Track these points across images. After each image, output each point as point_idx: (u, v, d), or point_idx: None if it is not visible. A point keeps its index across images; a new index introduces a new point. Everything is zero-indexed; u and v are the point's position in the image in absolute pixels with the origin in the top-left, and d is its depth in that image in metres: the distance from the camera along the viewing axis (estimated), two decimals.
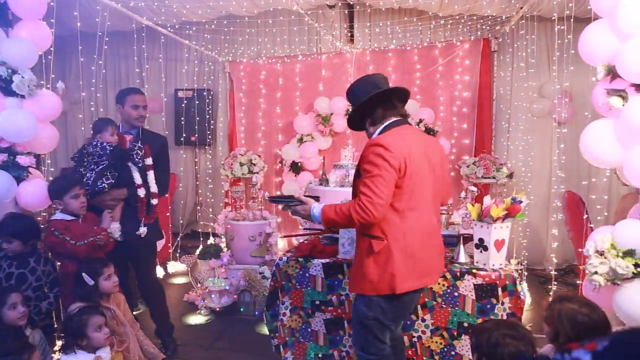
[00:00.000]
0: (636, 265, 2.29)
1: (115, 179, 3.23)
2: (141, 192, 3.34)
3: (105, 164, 3.19)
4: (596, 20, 2.59)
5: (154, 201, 3.45)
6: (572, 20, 3.69)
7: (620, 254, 2.32)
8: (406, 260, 2.31)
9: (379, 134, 2.41)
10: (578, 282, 4.05)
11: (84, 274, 2.68)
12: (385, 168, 2.21)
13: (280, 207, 2.65)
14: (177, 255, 5.89)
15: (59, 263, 3.04)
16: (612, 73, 2.46)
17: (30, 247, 2.89)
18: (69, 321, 2.49)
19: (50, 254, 3.04)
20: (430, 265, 2.45)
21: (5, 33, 2.96)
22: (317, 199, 2.53)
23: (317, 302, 3.13)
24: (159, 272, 5.31)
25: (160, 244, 4.60)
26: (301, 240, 3.65)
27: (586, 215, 3.49)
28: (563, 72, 4.73)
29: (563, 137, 5.07)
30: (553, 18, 4.22)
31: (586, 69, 3.08)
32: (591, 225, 3.48)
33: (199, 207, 6.94)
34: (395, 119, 2.44)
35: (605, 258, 2.36)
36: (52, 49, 3.19)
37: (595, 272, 2.37)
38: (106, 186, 3.18)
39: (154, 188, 3.42)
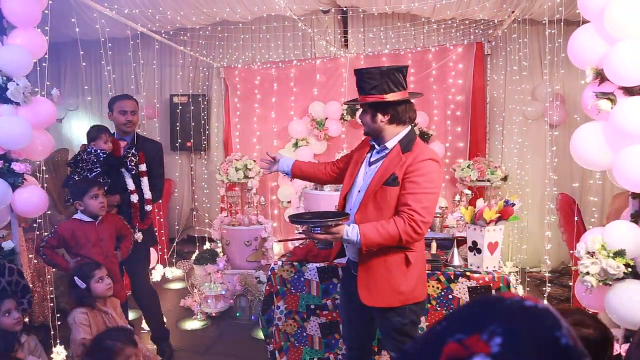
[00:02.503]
0: (627, 265, 2.32)
1: (108, 186, 3.25)
2: (134, 198, 3.36)
3: (99, 171, 3.22)
4: (584, 24, 2.62)
5: (148, 207, 3.46)
6: (562, 23, 3.72)
7: (611, 255, 2.34)
8: (424, 265, 2.42)
9: (405, 138, 2.27)
10: (571, 283, 4.07)
11: (75, 278, 2.69)
12: (439, 186, 2.25)
13: (300, 228, 2.25)
14: (173, 260, 5.89)
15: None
16: (600, 76, 2.48)
17: None
18: (99, 343, 2.31)
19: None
20: None
21: (0, 41, 2.99)
22: (346, 215, 2.24)
23: (312, 307, 3.14)
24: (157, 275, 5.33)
25: None
26: (296, 245, 3.67)
27: (577, 217, 3.52)
28: (554, 75, 4.76)
29: (555, 140, 5.09)
30: (544, 22, 4.25)
31: (577, 72, 3.10)
32: (590, 227, 3.49)
33: (194, 213, 6.94)
34: (410, 127, 2.32)
35: (596, 259, 2.38)
36: (46, 56, 3.21)
37: (587, 273, 2.40)
38: None
39: (147, 194, 3.44)
